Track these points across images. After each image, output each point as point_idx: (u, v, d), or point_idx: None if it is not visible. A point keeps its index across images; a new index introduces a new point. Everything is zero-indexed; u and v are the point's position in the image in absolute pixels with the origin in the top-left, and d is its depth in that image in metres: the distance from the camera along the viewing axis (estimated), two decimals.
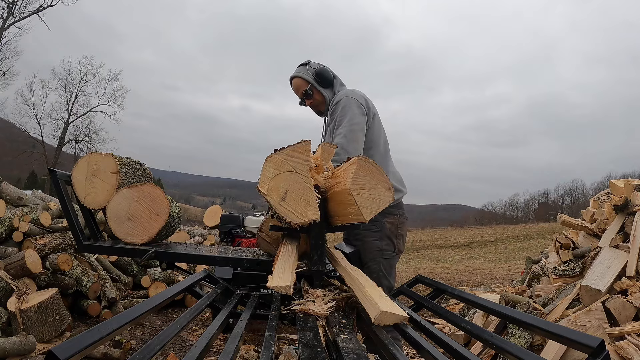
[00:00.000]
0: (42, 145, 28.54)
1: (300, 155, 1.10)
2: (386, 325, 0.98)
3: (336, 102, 2.15)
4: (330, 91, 2.27)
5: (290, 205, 1.07)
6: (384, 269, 2.09)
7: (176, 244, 2.24)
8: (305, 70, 2.26)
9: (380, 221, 2.08)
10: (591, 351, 0.71)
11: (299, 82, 2.27)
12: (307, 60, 2.31)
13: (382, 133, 2.25)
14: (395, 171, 2.29)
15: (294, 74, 2.30)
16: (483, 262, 13.01)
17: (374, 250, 2.08)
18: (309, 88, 2.23)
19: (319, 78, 2.22)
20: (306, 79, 2.23)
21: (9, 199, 4.50)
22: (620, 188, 3.52)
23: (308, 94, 2.25)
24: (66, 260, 3.90)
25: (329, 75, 2.26)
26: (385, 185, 1.21)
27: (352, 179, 1.14)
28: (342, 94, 2.19)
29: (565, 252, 3.53)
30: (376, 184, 1.19)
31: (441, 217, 72.77)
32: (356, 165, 1.16)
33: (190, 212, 54.07)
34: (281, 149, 1.13)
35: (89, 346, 0.63)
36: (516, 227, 27.80)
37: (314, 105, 2.32)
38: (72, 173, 1.99)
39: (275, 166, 1.05)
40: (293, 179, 1.05)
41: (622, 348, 2.35)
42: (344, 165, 1.31)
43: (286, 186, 1.04)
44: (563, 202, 53.93)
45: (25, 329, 3.12)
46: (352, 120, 2.05)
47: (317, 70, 2.23)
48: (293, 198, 1.05)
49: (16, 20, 25.61)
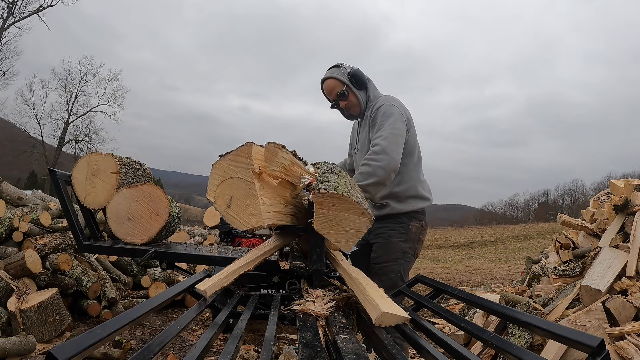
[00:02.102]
0: (42, 145, 28.54)
1: (243, 159, 1.04)
2: (387, 326, 0.97)
3: (377, 107, 2.11)
4: (364, 94, 2.23)
5: (235, 212, 1.00)
6: (403, 271, 2.10)
7: (176, 244, 2.24)
8: (340, 72, 2.21)
9: (407, 224, 2.11)
10: (591, 351, 0.71)
11: (333, 83, 2.21)
12: (339, 62, 2.26)
13: (417, 144, 2.24)
14: (425, 180, 2.28)
15: (327, 75, 2.25)
16: (483, 262, 13.01)
17: (397, 250, 2.09)
18: (345, 89, 2.19)
19: (354, 79, 2.19)
20: (342, 80, 2.19)
21: (9, 199, 4.50)
22: (620, 188, 3.52)
23: (344, 95, 2.20)
24: (66, 260, 3.90)
25: (363, 77, 2.22)
26: (356, 212, 1.07)
27: (317, 220, 1.04)
28: (383, 99, 2.16)
29: (565, 252, 3.53)
30: (346, 213, 1.06)
31: (441, 217, 72.78)
32: (316, 205, 1.03)
33: (190, 212, 54.06)
34: (225, 154, 1.07)
35: (89, 347, 0.63)
36: (516, 227, 27.80)
37: (347, 107, 2.26)
38: (72, 173, 1.99)
39: (221, 172, 1.01)
40: (237, 184, 1.00)
41: (622, 348, 2.35)
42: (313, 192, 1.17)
43: (231, 192, 1.00)
44: (563, 202, 53.96)
45: (25, 329, 3.12)
46: (393, 124, 2.03)
47: (352, 72, 2.19)
48: (238, 205, 1.00)
49: (16, 20, 25.62)
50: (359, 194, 1.18)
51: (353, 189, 1.14)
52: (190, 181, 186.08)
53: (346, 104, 2.23)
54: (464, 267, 11.64)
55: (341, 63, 2.26)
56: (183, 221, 10.39)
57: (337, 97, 2.22)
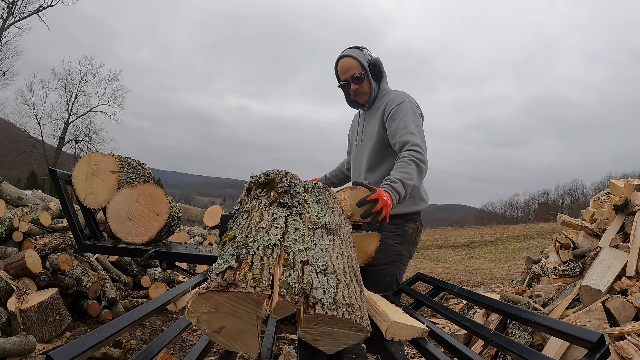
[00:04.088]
0: (42, 145, 28.55)
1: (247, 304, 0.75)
2: (402, 339, 0.93)
3: (398, 103, 2.03)
4: (377, 85, 2.14)
5: (225, 339, 0.80)
6: (399, 274, 2.07)
7: (176, 244, 2.24)
8: (362, 55, 2.10)
9: (403, 225, 2.05)
10: (591, 346, 0.71)
11: (352, 63, 2.09)
12: (361, 46, 2.15)
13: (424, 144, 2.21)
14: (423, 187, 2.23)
15: (346, 52, 2.12)
16: (483, 262, 13.02)
17: (394, 253, 2.04)
18: (363, 73, 2.09)
19: (374, 67, 2.10)
20: (362, 63, 2.08)
21: (9, 199, 4.50)
22: (620, 188, 3.52)
23: (360, 78, 2.09)
24: (66, 260, 3.90)
25: (383, 69, 2.13)
26: (354, 328, 0.80)
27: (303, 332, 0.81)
28: (403, 95, 2.09)
29: (565, 252, 3.53)
30: (341, 330, 0.80)
31: (441, 217, 72.75)
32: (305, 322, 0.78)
33: (190, 212, 54.09)
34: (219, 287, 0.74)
35: (88, 350, 0.63)
36: (516, 227, 27.81)
37: (357, 93, 2.14)
38: (73, 173, 1.99)
39: (212, 305, 0.76)
40: (232, 320, 0.77)
41: (622, 348, 2.35)
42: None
43: (222, 323, 0.78)
44: (563, 202, 53.98)
45: (25, 329, 3.12)
46: (416, 121, 1.98)
47: (373, 60, 2.11)
48: (230, 335, 0.80)
49: (16, 20, 25.62)
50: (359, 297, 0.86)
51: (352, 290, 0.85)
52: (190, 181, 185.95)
53: (358, 88, 2.13)
54: (464, 267, 11.64)
55: (364, 47, 2.16)
56: (183, 221, 10.39)
57: (351, 78, 2.11)
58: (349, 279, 0.88)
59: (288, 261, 0.84)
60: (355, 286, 0.88)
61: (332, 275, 0.85)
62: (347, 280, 0.87)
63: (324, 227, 1.00)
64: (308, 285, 0.79)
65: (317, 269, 0.84)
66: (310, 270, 0.83)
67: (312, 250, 0.90)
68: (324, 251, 0.91)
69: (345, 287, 0.83)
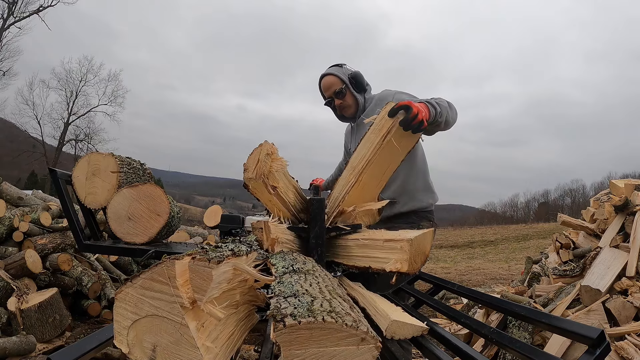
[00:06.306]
0: (42, 145, 28.56)
1: (161, 286, 0.63)
2: (402, 338, 0.93)
3: (388, 98, 2.08)
4: (362, 97, 2.23)
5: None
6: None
7: (176, 244, 2.24)
8: (341, 71, 2.21)
9: (418, 223, 2.05)
10: (591, 342, 0.71)
11: (332, 80, 2.20)
12: (341, 63, 2.26)
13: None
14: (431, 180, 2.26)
15: (327, 71, 2.24)
16: (483, 262, 13.02)
17: None
18: (343, 88, 2.18)
19: (354, 80, 2.19)
20: (341, 78, 2.18)
21: (9, 199, 4.50)
22: (620, 188, 3.52)
23: (341, 93, 2.19)
24: (66, 260, 3.90)
25: (363, 80, 2.22)
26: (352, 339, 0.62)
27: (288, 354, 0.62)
28: (388, 92, 2.15)
29: (565, 252, 3.53)
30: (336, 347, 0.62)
31: (441, 217, 72.61)
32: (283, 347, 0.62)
33: (190, 212, 54.09)
34: (133, 277, 0.65)
35: (88, 353, 0.63)
36: (516, 227, 27.82)
37: (341, 107, 2.24)
38: (73, 173, 1.99)
39: (131, 308, 0.63)
40: (159, 326, 0.63)
41: (622, 348, 2.35)
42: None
43: (152, 339, 0.63)
44: (563, 202, 54.03)
45: (25, 329, 3.12)
46: (409, 97, 1.99)
47: (353, 73, 2.20)
48: (166, 354, 0.63)
49: (16, 20, 25.63)
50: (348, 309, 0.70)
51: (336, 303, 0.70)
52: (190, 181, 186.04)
53: (341, 103, 2.22)
54: (464, 267, 11.64)
55: (343, 64, 2.26)
56: (183, 221, 10.38)
57: (334, 94, 2.20)
58: (329, 296, 0.73)
59: None
60: (342, 302, 0.72)
61: (304, 295, 0.70)
62: (328, 297, 0.72)
63: (292, 272, 0.87)
64: (275, 309, 0.65)
65: (285, 295, 0.71)
66: (277, 300, 0.69)
67: (280, 285, 0.77)
68: (293, 284, 0.77)
69: (324, 301, 0.68)
